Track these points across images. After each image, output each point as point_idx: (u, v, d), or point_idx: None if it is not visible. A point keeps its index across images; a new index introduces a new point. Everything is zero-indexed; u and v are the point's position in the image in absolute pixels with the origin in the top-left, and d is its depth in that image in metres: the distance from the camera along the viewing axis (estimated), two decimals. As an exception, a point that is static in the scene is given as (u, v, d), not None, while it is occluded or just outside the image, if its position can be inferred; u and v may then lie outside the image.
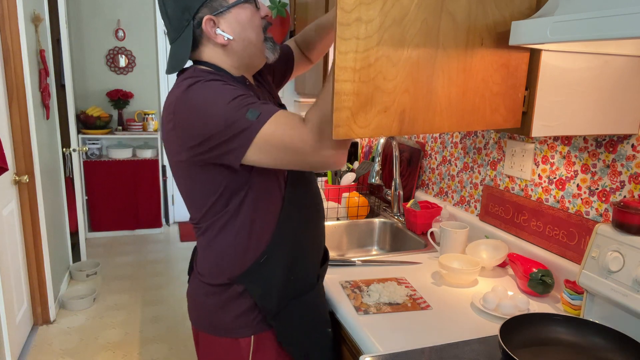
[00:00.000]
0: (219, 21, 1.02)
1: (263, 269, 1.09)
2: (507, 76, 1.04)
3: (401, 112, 0.92)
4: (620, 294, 1.02)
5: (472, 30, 0.96)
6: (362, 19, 0.84)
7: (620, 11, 0.72)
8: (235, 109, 0.93)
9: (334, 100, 0.86)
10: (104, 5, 4.37)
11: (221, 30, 1.02)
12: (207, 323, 1.15)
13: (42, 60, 2.96)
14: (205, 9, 1.01)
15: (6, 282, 2.34)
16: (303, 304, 1.16)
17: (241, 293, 1.11)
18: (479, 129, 1.05)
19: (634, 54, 1.09)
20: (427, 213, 1.82)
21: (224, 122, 0.93)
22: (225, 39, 1.03)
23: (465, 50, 0.96)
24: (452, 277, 1.39)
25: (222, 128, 0.93)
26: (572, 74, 1.07)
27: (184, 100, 0.97)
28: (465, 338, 1.09)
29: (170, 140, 1.02)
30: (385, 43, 0.87)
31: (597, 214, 1.29)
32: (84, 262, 3.71)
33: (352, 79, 0.86)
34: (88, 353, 2.64)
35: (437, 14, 0.91)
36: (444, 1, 0.91)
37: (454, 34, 0.94)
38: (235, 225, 1.07)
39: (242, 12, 1.03)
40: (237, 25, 1.03)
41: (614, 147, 1.24)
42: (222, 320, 1.13)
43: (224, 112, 0.93)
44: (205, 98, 0.95)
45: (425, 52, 0.92)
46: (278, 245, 1.10)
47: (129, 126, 4.46)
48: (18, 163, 2.61)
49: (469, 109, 1.01)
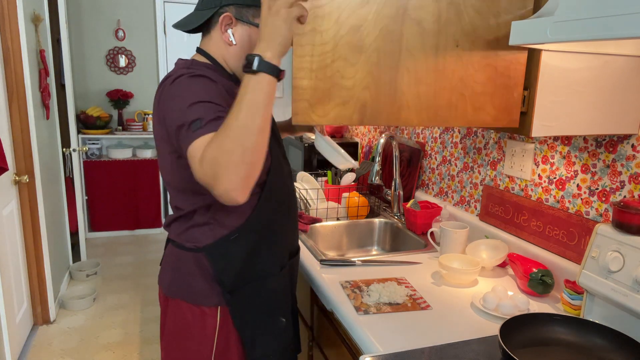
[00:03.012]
0: (235, 24, 1.11)
1: (230, 245, 1.14)
2: (495, 76, 1.08)
3: (361, 105, 1.05)
4: (620, 294, 1.02)
5: (443, 33, 1.05)
6: (316, 30, 0.99)
7: (620, 11, 0.72)
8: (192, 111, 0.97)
9: (293, 93, 1.01)
10: (104, 5, 4.37)
11: (232, 32, 1.11)
12: (176, 288, 1.19)
13: (42, 60, 2.96)
14: (233, 8, 1.09)
15: (6, 282, 2.34)
16: (260, 288, 1.20)
17: (205, 261, 1.16)
18: (460, 125, 1.11)
19: (634, 54, 1.09)
20: (427, 213, 1.82)
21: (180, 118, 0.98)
22: (229, 39, 1.11)
23: (435, 52, 1.06)
24: (452, 277, 1.39)
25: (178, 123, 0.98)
26: (572, 74, 1.07)
27: (166, 92, 1.04)
28: (465, 338, 1.09)
29: (158, 126, 1.09)
30: (342, 48, 1.01)
31: (597, 214, 1.29)
32: (84, 262, 3.71)
33: (309, 77, 1.01)
34: (88, 353, 2.64)
35: (399, 21, 1.03)
36: (406, 9, 1.02)
37: (421, 38, 1.04)
38: (214, 207, 1.13)
39: (257, 34, 1.05)
40: (246, 39, 1.12)
41: (614, 147, 1.24)
42: (191, 285, 1.17)
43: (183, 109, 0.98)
44: (179, 92, 1.01)
45: (386, 54, 1.04)
46: (250, 227, 1.15)
47: (129, 126, 4.46)
48: (18, 163, 2.61)
49: (443, 106, 1.09)
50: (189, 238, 1.17)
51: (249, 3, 1.10)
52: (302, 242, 1.70)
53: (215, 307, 1.17)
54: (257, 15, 1.09)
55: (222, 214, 1.14)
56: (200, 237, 1.15)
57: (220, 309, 1.17)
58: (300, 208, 2.06)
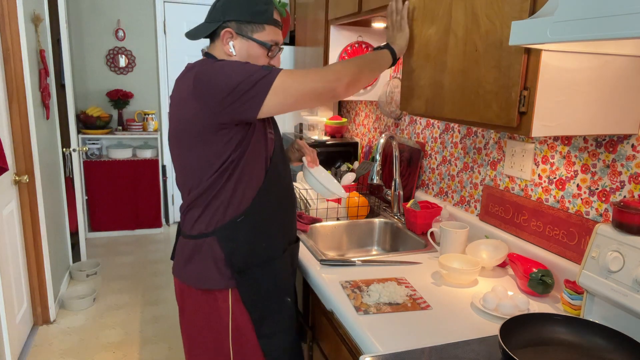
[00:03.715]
0: (236, 38, 1.27)
1: (238, 227, 1.27)
2: (499, 76, 1.13)
3: (426, 100, 1.42)
4: (620, 294, 1.02)
5: (469, 41, 1.24)
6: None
7: (620, 11, 0.72)
8: (251, 66, 1.18)
9: (402, 80, 1.53)
10: (104, 5, 4.37)
11: (232, 44, 1.27)
12: (189, 276, 1.31)
13: (42, 60, 2.96)
14: (235, 23, 1.26)
15: (6, 282, 2.34)
16: (266, 270, 1.31)
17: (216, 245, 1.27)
18: (476, 120, 1.23)
19: (634, 54, 1.09)
20: (427, 213, 1.82)
21: (246, 73, 1.15)
22: (229, 51, 1.27)
23: (464, 57, 1.26)
24: (452, 277, 1.39)
25: (245, 77, 1.15)
26: (572, 74, 1.07)
27: (205, 68, 1.17)
28: (465, 338, 1.09)
29: (186, 107, 1.19)
30: (420, 58, 1.44)
31: (597, 214, 1.29)
32: (84, 262, 3.71)
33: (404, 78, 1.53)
34: (88, 353, 2.64)
35: (446, 34, 1.32)
36: (450, 24, 1.30)
37: (455, 45, 1.29)
38: (226, 187, 1.25)
39: (255, 49, 1.28)
40: (244, 52, 1.28)
41: (614, 147, 1.24)
42: (203, 272, 1.28)
43: (243, 67, 1.17)
44: (226, 63, 1.19)
45: (439, 61, 1.36)
46: (256, 211, 1.28)
47: (129, 126, 4.46)
48: (18, 163, 2.61)
49: (468, 103, 1.25)
50: (202, 223, 1.28)
51: (249, 20, 1.25)
52: (302, 242, 1.70)
53: (226, 290, 1.28)
54: (256, 31, 1.26)
55: (233, 195, 1.25)
56: (211, 220, 1.27)
57: (231, 291, 1.28)
58: (300, 208, 2.06)
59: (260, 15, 1.25)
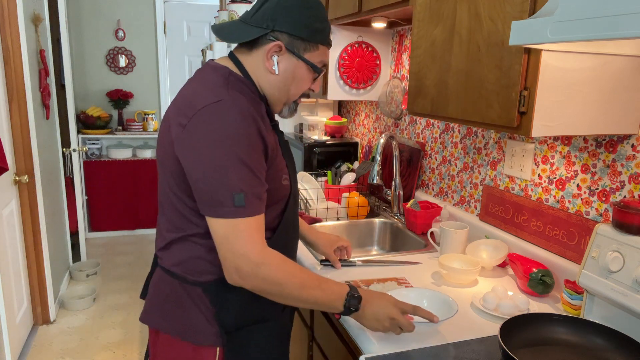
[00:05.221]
0: (283, 54, 1.05)
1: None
2: (500, 76, 1.14)
3: (431, 99, 1.43)
4: (620, 294, 1.02)
5: (472, 41, 1.24)
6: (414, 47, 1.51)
7: (620, 11, 0.72)
8: (234, 182, 0.94)
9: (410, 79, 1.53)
10: (104, 5, 4.37)
11: (277, 61, 1.05)
12: (169, 322, 1.09)
13: (42, 60, 2.96)
14: (287, 36, 1.04)
15: (6, 282, 2.34)
16: (261, 331, 1.12)
17: (207, 299, 1.07)
18: (478, 119, 1.23)
19: (634, 54, 1.09)
20: (427, 213, 1.82)
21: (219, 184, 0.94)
22: (272, 68, 1.06)
23: (467, 57, 1.26)
24: (452, 277, 1.39)
25: (213, 188, 0.95)
26: (572, 74, 1.07)
27: (204, 118, 0.96)
28: (465, 338, 1.09)
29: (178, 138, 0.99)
30: (427, 58, 1.45)
31: (597, 214, 1.29)
32: (84, 262, 3.71)
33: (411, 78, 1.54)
34: (88, 353, 2.64)
35: (451, 35, 1.32)
36: (454, 26, 1.30)
37: (459, 45, 1.29)
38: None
39: (303, 70, 1.08)
40: (290, 72, 1.07)
41: (614, 147, 1.24)
42: (187, 320, 1.07)
43: (225, 172, 0.94)
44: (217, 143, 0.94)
45: (444, 61, 1.36)
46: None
47: (129, 126, 4.46)
48: (18, 163, 2.61)
49: (470, 102, 1.26)
50: (190, 267, 1.07)
51: (304, 37, 1.04)
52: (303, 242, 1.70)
53: (213, 347, 1.07)
54: (309, 50, 1.06)
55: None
56: (204, 268, 1.06)
57: (219, 350, 1.07)
58: (301, 208, 2.06)
59: (317, 34, 1.05)
